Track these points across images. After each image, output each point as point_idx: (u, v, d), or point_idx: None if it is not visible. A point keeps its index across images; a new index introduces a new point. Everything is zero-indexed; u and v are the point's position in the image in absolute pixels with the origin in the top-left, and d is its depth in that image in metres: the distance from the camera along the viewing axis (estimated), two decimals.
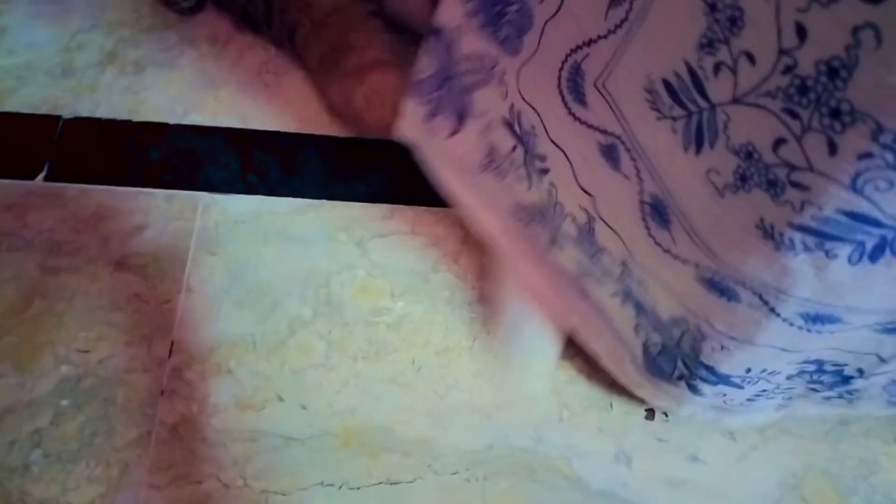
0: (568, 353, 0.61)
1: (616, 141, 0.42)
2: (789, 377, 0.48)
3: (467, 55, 0.52)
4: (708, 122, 0.34)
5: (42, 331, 0.57)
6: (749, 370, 0.46)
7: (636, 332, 0.52)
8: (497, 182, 0.57)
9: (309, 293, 0.61)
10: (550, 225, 0.54)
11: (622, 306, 0.52)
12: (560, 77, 0.44)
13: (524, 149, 0.52)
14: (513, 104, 0.51)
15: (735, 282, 0.38)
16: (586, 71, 0.42)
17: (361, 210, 0.66)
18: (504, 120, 0.53)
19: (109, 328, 0.58)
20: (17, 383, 0.55)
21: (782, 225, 0.33)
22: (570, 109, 0.45)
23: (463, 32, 0.51)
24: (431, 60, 0.54)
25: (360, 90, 0.65)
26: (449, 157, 0.60)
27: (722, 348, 0.44)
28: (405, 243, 0.65)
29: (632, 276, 0.47)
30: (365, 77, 0.65)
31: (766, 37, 0.29)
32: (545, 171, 0.51)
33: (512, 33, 0.48)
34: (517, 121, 0.51)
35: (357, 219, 0.65)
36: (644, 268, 0.45)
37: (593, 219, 0.47)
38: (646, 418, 0.60)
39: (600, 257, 0.49)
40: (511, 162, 0.54)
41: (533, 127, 0.49)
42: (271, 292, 0.61)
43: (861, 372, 0.48)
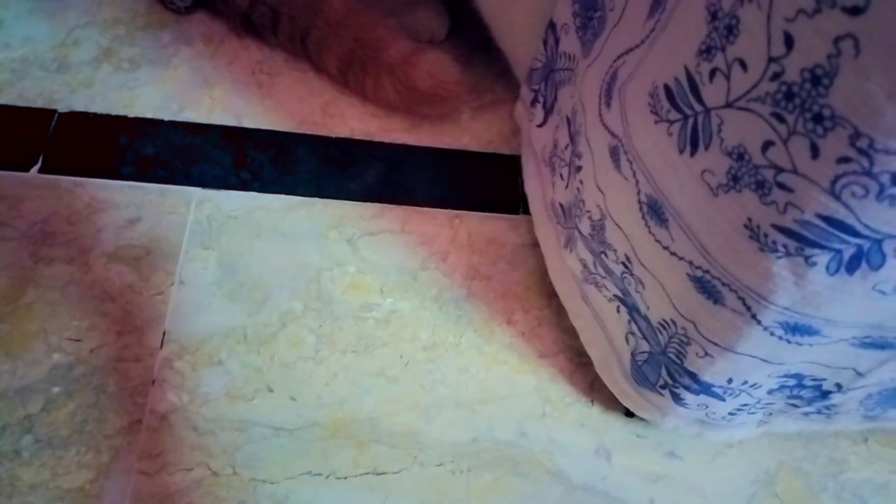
0: (551, 352, 0.63)
1: (618, 143, 0.44)
2: (770, 391, 0.49)
3: (565, 53, 0.55)
4: (703, 125, 0.36)
5: (35, 319, 0.58)
6: (731, 380, 0.47)
7: (627, 341, 0.54)
8: (550, 176, 0.60)
9: (300, 288, 0.62)
10: (569, 225, 0.56)
11: (618, 313, 0.54)
12: (603, 81, 0.46)
13: (572, 147, 0.54)
14: (574, 104, 0.53)
15: (722, 283, 0.40)
16: (618, 77, 0.44)
17: (352, 208, 0.67)
18: (567, 118, 0.55)
19: (102, 318, 0.58)
20: (9, 370, 0.55)
21: (767, 226, 0.35)
22: (601, 111, 0.47)
23: (567, 31, 0.54)
24: (544, 52, 0.57)
25: (419, 73, 0.67)
26: (533, 145, 0.64)
27: (706, 354, 0.45)
28: (395, 241, 0.66)
29: (632, 275, 0.49)
30: (419, 59, 0.67)
31: (758, 45, 0.31)
32: (579, 169, 0.53)
33: (591, 37, 0.51)
34: (574, 119, 0.53)
35: (348, 217, 0.66)
36: (645, 265, 0.47)
37: (605, 216, 0.49)
38: (626, 415, 0.61)
39: (605, 256, 0.51)
40: (562, 158, 0.57)
41: (580, 126, 0.51)
42: (263, 286, 0.62)
43: (839, 387, 0.48)
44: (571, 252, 0.57)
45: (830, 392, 0.49)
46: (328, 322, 0.61)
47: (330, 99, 0.72)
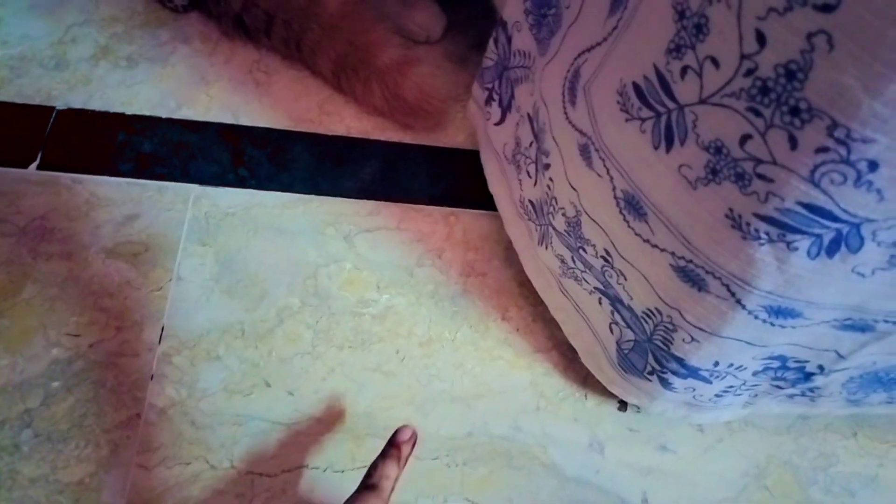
0: (545, 347, 0.64)
1: (588, 141, 0.45)
2: (755, 373, 0.51)
3: (520, 51, 0.55)
4: (677, 122, 0.37)
5: (34, 315, 0.58)
6: (717, 363, 0.49)
7: (611, 331, 0.55)
8: (515, 174, 0.60)
9: (297, 284, 0.63)
10: (542, 222, 0.57)
11: (599, 304, 0.55)
12: (566, 78, 0.47)
13: (537, 144, 0.55)
14: (535, 101, 0.54)
15: (706, 272, 0.41)
16: (581, 75, 0.44)
17: (349, 205, 0.68)
18: (529, 116, 0.56)
19: (101, 313, 0.59)
20: (9, 365, 0.56)
21: (749, 215, 0.35)
22: (565, 109, 0.47)
23: (519, 28, 0.54)
24: (496, 50, 0.58)
25: (409, 83, 0.67)
26: (493, 144, 0.64)
27: (692, 340, 0.47)
28: (391, 238, 0.67)
29: (613, 268, 0.49)
30: (410, 70, 0.68)
31: (729, 42, 0.32)
32: (547, 167, 0.53)
33: (546, 35, 0.51)
34: (536, 117, 0.54)
35: (344, 214, 0.67)
36: (626, 258, 0.48)
37: (580, 213, 0.49)
38: (618, 409, 0.62)
39: (584, 251, 0.52)
40: (527, 156, 0.57)
41: (545, 124, 0.52)
42: (260, 282, 0.62)
43: (822, 368, 0.50)
44: (547, 248, 0.58)
45: (813, 374, 0.51)
46: (325, 318, 0.62)
47: (326, 97, 0.73)
